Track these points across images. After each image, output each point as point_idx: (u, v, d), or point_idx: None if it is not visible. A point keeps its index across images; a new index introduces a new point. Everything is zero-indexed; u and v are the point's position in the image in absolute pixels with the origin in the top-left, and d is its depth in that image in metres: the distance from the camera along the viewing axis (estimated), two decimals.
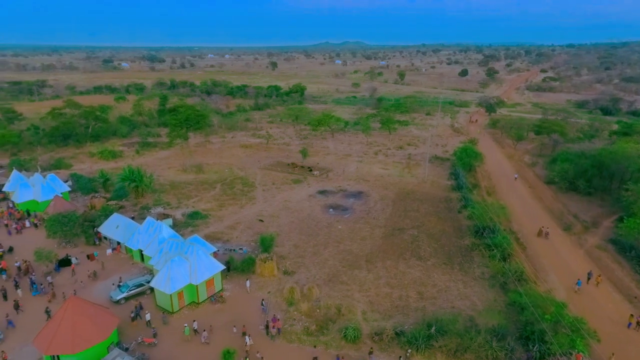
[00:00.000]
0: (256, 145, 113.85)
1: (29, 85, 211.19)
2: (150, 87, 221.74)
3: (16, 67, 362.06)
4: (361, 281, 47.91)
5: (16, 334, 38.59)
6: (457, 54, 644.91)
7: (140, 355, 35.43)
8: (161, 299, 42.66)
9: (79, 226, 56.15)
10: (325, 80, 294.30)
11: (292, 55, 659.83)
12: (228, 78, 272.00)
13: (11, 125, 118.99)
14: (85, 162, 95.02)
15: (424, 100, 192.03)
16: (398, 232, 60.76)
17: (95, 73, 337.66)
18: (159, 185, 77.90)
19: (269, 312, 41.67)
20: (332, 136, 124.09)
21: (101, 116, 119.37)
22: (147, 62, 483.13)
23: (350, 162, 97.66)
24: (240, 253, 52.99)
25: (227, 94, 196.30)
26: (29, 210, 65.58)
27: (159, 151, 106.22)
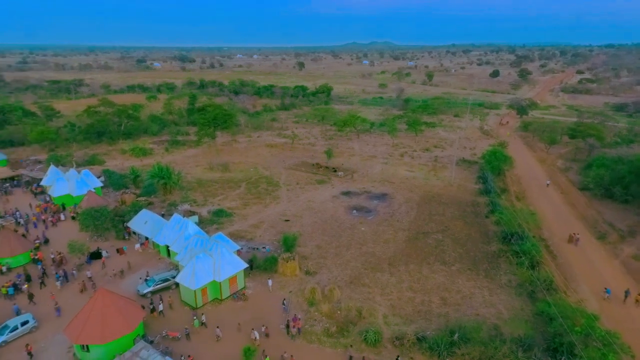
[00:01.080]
0: (281, 145, 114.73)
1: (67, 84, 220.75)
2: (180, 87, 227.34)
3: (56, 67, 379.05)
4: (383, 284, 47.46)
5: (49, 323, 40.32)
6: (488, 55, 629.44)
7: (164, 349, 36.31)
8: (186, 294, 43.62)
9: (110, 221, 58.13)
10: (351, 81, 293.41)
11: (320, 56, 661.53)
12: (255, 78, 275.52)
13: (50, 122, 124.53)
14: (117, 158, 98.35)
15: (452, 102, 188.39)
16: (422, 235, 59.84)
17: (129, 72, 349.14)
18: (187, 183, 79.67)
19: (290, 311, 41.88)
20: (358, 137, 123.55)
21: (133, 114, 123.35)
22: (178, 62, 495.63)
23: (375, 164, 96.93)
24: (263, 252, 53.53)
25: (254, 94, 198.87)
26: (64, 204, 68.42)
27: (187, 149, 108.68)
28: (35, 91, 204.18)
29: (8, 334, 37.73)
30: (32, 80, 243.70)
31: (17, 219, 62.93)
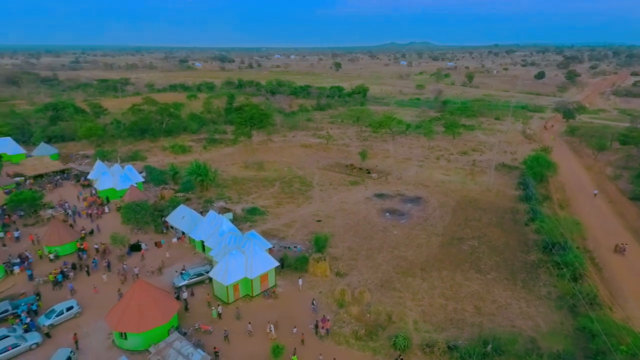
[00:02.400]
0: (316, 145, 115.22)
1: (114, 82, 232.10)
2: (219, 86, 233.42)
3: (104, 66, 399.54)
4: (415, 290, 46.61)
5: (92, 310, 42.49)
6: (533, 55, 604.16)
7: (196, 341, 37.36)
8: (218, 290, 44.69)
9: (150, 215, 60.49)
10: (388, 82, 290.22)
11: (357, 56, 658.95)
12: (292, 78, 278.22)
13: (98, 119, 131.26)
14: (158, 155, 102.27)
15: (493, 104, 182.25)
16: (457, 241, 58.25)
17: (171, 72, 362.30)
18: (222, 180, 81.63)
19: (319, 312, 41.97)
20: (393, 139, 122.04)
21: (174, 113, 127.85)
22: (218, 62, 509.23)
23: (410, 166, 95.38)
24: (295, 251, 53.94)
25: (291, 94, 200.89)
26: (108, 197, 71.93)
27: (224, 148, 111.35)
28: (85, 89, 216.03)
29: (54, 317, 40.12)
30: (83, 79, 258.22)
31: (65, 210, 66.81)
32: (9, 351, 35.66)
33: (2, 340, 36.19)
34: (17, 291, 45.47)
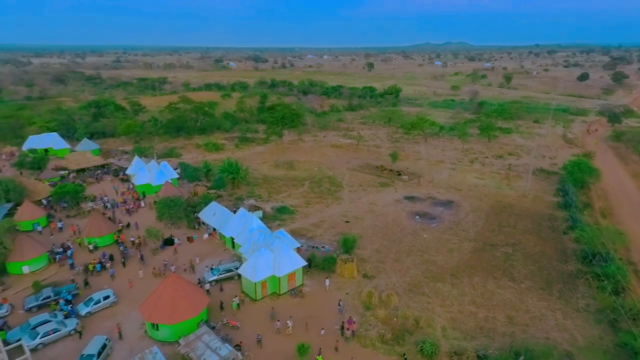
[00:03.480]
0: (346, 145, 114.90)
1: (153, 81, 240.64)
2: (252, 86, 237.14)
3: (144, 66, 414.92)
4: (444, 295, 45.59)
5: (127, 300, 44.16)
6: (576, 56, 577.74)
7: (224, 335, 38.09)
8: (247, 286, 45.39)
9: (183, 210, 62.21)
10: (422, 82, 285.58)
11: (390, 56, 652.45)
12: (324, 78, 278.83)
13: (136, 116, 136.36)
14: (192, 152, 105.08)
15: (532, 106, 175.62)
16: (490, 247, 56.51)
17: (207, 72, 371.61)
18: (253, 179, 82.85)
19: (345, 313, 41.80)
20: (425, 141, 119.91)
21: (209, 111, 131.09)
22: (251, 62, 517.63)
23: (443, 169, 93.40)
24: (322, 251, 54.00)
25: (322, 94, 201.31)
26: (144, 192, 74.56)
27: (256, 146, 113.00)
28: (126, 88, 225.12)
29: (92, 305, 42.02)
30: (124, 78, 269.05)
31: (105, 203, 69.84)
32: (50, 335, 37.63)
33: (45, 324, 38.24)
34: (59, 279, 47.92)
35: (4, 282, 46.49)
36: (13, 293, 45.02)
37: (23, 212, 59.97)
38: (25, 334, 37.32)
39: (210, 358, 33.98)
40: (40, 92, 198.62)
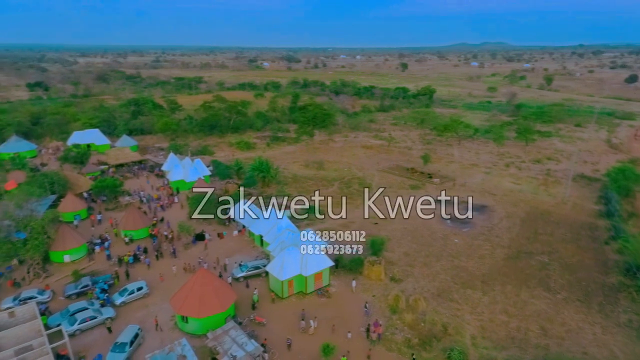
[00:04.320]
0: (377, 146, 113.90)
1: (189, 80, 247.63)
2: (285, 86, 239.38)
3: (182, 65, 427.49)
4: (474, 302, 44.32)
5: (159, 292, 45.61)
6: (625, 57, 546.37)
7: (250, 332, 38.61)
8: (274, 284, 45.84)
9: (214, 207, 63.46)
10: (457, 83, 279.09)
11: (424, 57, 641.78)
12: (357, 78, 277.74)
13: (173, 114, 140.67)
14: (224, 150, 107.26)
15: (574, 109, 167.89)
16: (524, 255, 54.44)
17: (241, 71, 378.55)
18: (283, 178, 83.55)
19: (371, 315, 41.42)
20: (459, 143, 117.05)
21: (242, 110, 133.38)
22: (285, 62, 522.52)
23: (476, 173, 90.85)
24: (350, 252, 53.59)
25: (354, 94, 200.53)
26: (178, 188, 76.80)
27: (286, 146, 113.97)
28: (163, 86, 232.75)
29: (126, 296, 43.70)
30: (162, 77, 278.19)
31: (141, 197, 72.46)
32: (87, 322, 39.41)
33: (82, 312, 40.11)
34: (97, 269, 50.14)
35: (47, 270, 49.11)
36: (55, 280, 47.49)
37: (66, 204, 63.15)
38: (64, 319, 39.27)
39: (237, 353, 34.54)
40: (84, 90, 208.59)
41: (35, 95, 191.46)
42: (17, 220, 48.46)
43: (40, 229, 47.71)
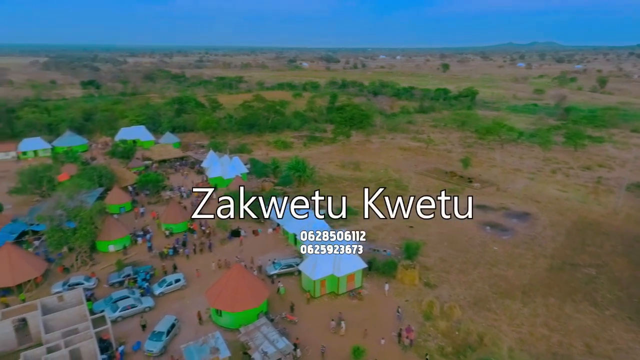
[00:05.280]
0: (415, 148, 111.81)
1: (230, 80, 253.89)
2: (323, 86, 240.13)
3: (223, 65, 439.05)
4: (513, 313, 42.45)
5: (195, 284, 46.96)
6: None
7: (281, 329, 38.93)
8: (306, 283, 46.01)
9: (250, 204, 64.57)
10: (501, 85, 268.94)
11: (467, 57, 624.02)
12: (396, 79, 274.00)
13: (214, 113, 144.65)
14: (262, 149, 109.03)
15: (630, 114, 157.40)
16: (570, 267, 51.56)
17: (280, 71, 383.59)
18: (319, 177, 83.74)
19: (404, 320, 40.64)
20: (502, 147, 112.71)
21: (280, 110, 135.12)
22: (324, 62, 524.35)
23: (519, 178, 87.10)
24: (384, 255, 53.05)
25: (393, 95, 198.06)
26: (216, 184, 78.82)
27: (323, 146, 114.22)
28: (206, 86, 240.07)
29: (165, 287, 45.34)
30: (205, 77, 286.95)
31: (181, 192, 75.02)
32: (128, 310, 41.23)
33: (124, 300, 42.00)
34: (138, 259, 52.36)
35: (94, 258, 51.87)
36: (100, 268, 50.06)
37: (112, 197, 66.45)
38: (107, 306, 41.29)
39: (268, 349, 34.93)
40: (132, 88, 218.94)
41: (87, 93, 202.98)
42: (68, 210, 51.48)
43: (89, 219, 50.49)
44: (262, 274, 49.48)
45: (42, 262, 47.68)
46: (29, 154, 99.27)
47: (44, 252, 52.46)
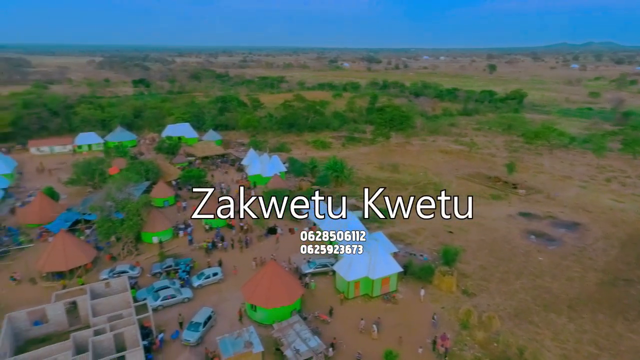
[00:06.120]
0: (457, 152, 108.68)
1: (272, 80, 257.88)
2: (364, 86, 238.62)
3: (266, 65, 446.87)
4: (557, 329, 40.21)
5: (232, 278, 48.07)
6: None
7: (314, 328, 39.05)
8: (340, 284, 45.89)
9: (287, 203, 65.25)
10: (552, 87, 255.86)
11: (516, 58, 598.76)
12: (439, 80, 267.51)
13: (255, 112, 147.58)
14: (300, 148, 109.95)
15: None
16: (623, 282, 48.17)
17: (321, 71, 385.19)
18: (356, 178, 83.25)
19: (439, 328, 39.57)
20: (550, 152, 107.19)
21: (319, 110, 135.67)
22: (365, 63, 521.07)
23: (569, 186, 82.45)
24: (420, 259, 51.94)
25: (435, 97, 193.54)
26: (255, 182, 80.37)
27: (362, 147, 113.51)
28: (248, 85, 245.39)
29: (203, 279, 46.77)
30: (247, 76, 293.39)
31: (221, 189, 77.11)
32: (168, 300, 42.87)
33: (165, 289, 43.71)
34: (180, 252, 54.33)
35: (138, 248, 54.39)
36: (144, 258, 52.40)
37: (157, 190, 69.37)
38: (149, 294, 43.14)
39: (300, 347, 35.15)
40: (179, 87, 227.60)
41: (138, 91, 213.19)
42: (117, 202, 54.34)
43: (135, 211, 53.01)
44: (297, 272, 49.81)
45: (92, 250, 50.61)
46: (84, 148, 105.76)
47: (94, 241, 55.66)
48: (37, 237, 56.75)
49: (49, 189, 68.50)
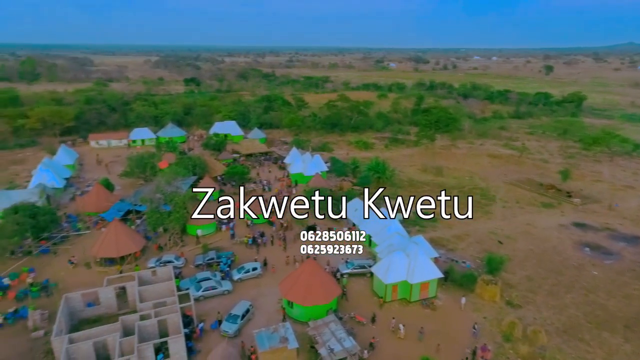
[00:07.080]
0: (506, 156, 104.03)
1: (317, 80, 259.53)
2: (410, 87, 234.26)
3: (311, 65, 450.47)
4: (611, 349, 37.44)
5: (271, 275, 48.90)
6: None
7: (349, 329, 38.86)
8: (377, 286, 45.35)
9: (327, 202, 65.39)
10: (616, 90, 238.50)
11: (576, 59, 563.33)
12: (490, 82, 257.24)
13: (299, 111, 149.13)
14: (343, 148, 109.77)
15: None
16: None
17: (367, 72, 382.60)
18: (398, 180, 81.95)
19: (480, 338, 38.05)
20: (611, 160, 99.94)
21: (363, 110, 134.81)
22: (412, 63, 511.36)
23: (631, 197, 76.51)
24: (462, 266, 50.27)
25: (485, 99, 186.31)
26: (297, 180, 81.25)
27: (405, 148, 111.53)
28: (293, 85, 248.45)
29: (243, 273, 47.95)
30: (293, 76, 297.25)
31: (263, 186, 78.66)
32: (209, 291, 44.36)
33: (207, 281, 45.27)
34: (222, 245, 56.03)
35: (183, 240, 56.71)
36: (188, 250, 54.56)
37: (203, 185, 71.89)
38: (192, 285, 44.85)
39: (334, 346, 35.12)
40: (227, 86, 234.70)
41: (189, 89, 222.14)
42: (166, 195, 56.96)
43: (182, 204, 55.32)
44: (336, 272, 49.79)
45: (141, 239, 53.39)
46: (138, 142, 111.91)
47: (143, 230, 58.71)
48: (94, 225, 60.76)
49: (105, 180, 73.10)
